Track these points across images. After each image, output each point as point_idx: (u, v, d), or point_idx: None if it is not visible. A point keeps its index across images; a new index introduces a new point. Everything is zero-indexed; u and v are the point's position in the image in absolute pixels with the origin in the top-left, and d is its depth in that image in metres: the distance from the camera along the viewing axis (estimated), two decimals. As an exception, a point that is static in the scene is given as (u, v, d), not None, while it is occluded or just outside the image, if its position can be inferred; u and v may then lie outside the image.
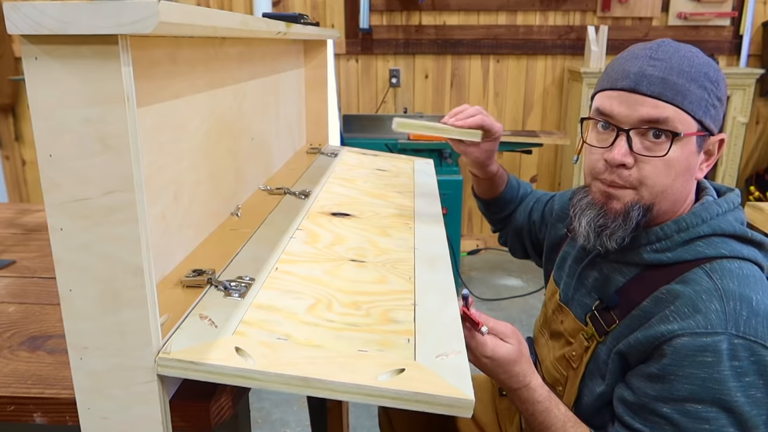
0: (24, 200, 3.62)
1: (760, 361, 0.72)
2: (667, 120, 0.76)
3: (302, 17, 1.09)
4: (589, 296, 0.90)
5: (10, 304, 0.94)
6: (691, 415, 0.73)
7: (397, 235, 0.93)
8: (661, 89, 0.76)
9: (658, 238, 0.81)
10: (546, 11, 3.25)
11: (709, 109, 0.78)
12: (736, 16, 3.18)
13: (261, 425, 2.00)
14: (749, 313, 0.73)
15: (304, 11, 3.30)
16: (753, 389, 0.72)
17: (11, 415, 0.68)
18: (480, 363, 0.80)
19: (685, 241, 0.80)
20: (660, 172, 0.78)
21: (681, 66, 0.77)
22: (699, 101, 0.77)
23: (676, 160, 0.77)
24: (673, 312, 0.75)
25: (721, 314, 0.73)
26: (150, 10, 0.49)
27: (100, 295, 0.58)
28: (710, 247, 0.79)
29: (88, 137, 0.53)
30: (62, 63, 0.51)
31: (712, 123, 0.79)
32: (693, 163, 0.80)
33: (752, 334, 0.72)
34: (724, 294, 0.74)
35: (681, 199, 0.82)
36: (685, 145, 0.78)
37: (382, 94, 3.39)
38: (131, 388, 0.62)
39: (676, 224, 0.81)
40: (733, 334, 0.72)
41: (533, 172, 3.47)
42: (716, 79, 0.78)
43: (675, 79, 0.76)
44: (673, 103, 0.76)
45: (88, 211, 0.55)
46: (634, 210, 0.80)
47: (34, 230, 1.30)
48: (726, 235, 0.80)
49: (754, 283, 0.76)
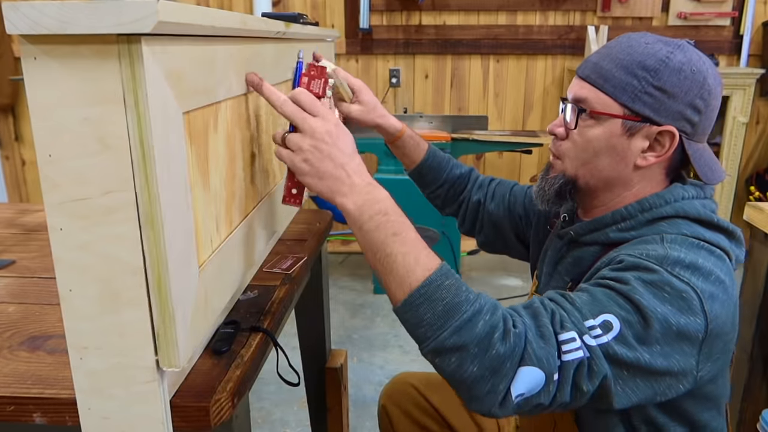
0: (24, 200, 3.62)
1: (688, 301, 0.71)
2: (586, 99, 0.84)
3: (302, 17, 1.09)
4: (562, 280, 0.92)
5: (10, 304, 0.94)
6: (607, 295, 0.73)
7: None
8: (588, 72, 0.85)
9: (622, 217, 0.85)
10: (546, 11, 3.24)
11: (640, 96, 0.80)
12: (736, 16, 3.18)
13: (261, 425, 2.00)
14: (690, 264, 0.74)
15: (304, 11, 3.30)
16: (670, 318, 0.70)
17: (11, 415, 0.68)
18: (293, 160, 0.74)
19: (648, 221, 0.83)
20: (578, 146, 0.86)
21: (617, 54, 0.83)
22: (624, 86, 0.81)
23: (595, 138, 0.84)
24: (617, 254, 0.79)
25: (661, 253, 0.75)
26: (149, 10, 0.49)
27: (99, 295, 0.58)
28: (673, 227, 0.81)
29: (88, 137, 0.53)
30: (61, 63, 0.51)
31: (650, 111, 0.81)
32: (619, 146, 0.83)
33: (686, 277, 0.72)
34: (669, 248, 0.76)
35: (621, 183, 0.86)
36: (604, 124, 0.83)
37: (382, 94, 3.38)
38: (131, 388, 0.62)
39: (639, 204, 0.84)
40: (667, 270, 0.73)
41: (533, 172, 3.47)
42: (655, 69, 0.80)
43: (603, 64, 0.83)
44: (594, 84, 0.84)
45: (87, 210, 0.55)
46: (559, 178, 0.89)
47: (33, 230, 1.30)
48: (690, 218, 0.82)
49: (707, 255, 0.76)
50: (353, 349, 2.46)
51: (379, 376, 2.26)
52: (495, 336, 0.67)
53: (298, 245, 1.21)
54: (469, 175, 1.23)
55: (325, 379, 1.51)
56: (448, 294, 0.68)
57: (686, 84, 0.80)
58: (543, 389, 0.68)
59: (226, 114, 0.74)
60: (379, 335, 2.57)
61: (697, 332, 0.72)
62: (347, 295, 2.96)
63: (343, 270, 3.29)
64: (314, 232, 1.29)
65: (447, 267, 0.71)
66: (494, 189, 1.20)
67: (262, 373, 0.87)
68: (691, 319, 0.71)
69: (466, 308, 0.68)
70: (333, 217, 1.47)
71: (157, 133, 0.54)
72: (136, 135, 0.53)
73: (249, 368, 0.76)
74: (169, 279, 0.58)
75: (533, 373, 0.67)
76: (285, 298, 0.96)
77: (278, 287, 0.99)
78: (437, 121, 3.14)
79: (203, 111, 0.67)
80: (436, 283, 0.69)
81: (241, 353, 0.77)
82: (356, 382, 2.22)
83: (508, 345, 0.67)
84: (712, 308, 0.72)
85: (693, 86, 0.80)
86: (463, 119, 3.13)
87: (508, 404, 0.67)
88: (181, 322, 0.61)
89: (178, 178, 0.60)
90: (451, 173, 1.21)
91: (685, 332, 0.71)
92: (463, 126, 3.09)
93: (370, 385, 2.21)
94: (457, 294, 0.69)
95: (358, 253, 3.50)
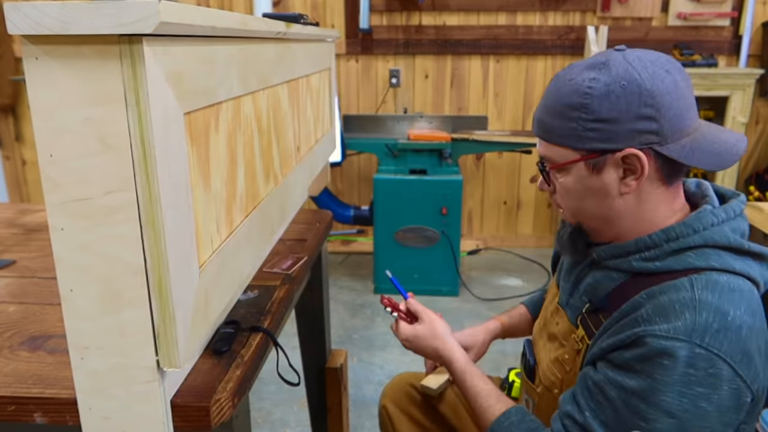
0: (24, 200, 3.62)
1: (717, 374, 0.71)
2: (547, 156, 0.86)
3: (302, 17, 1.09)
4: (581, 300, 0.91)
5: (10, 304, 0.94)
6: (632, 409, 0.74)
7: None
8: (538, 131, 0.86)
9: (646, 246, 0.82)
10: (546, 11, 3.24)
11: (585, 134, 0.79)
12: (736, 16, 3.18)
13: (261, 425, 2.00)
14: (720, 326, 0.72)
15: (304, 11, 3.30)
16: (703, 401, 0.71)
17: (11, 415, 0.68)
18: (406, 345, 1.10)
19: (675, 251, 0.79)
20: (562, 196, 0.88)
21: (550, 103, 0.83)
22: (566, 133, 0.81)
23: (571, 186, 0.84)
24: (643, 315, 0.76)
25: (689, 323, 0.72)
26: (150, 10, 0.49)
27: (100, 295, 0.58)
28: (701, 259, 0.78)
29: (89, 137, 0.53)
30: (63, 63, 0.52)
31: (602, 143, 0.78)
32: (594, 184, 0.82)
33: (716, 347, 0.71)
34: (699, 304, 0.73)
35: (617, 215, 0.83)
36: (571, 172, 0.83)
37: (382, 94, 3.39)
38: (132, 388, 0.62)
39: (665, 234, 0.80)
40: (696, 344, 0.71)
41: (533, 172, 3.47)
42: (583, 105, 0.78)
43: (544, 118, 0.84)
44: (546, 140, 0.85)
45: (88, 210, 0.55)
46: (567, 228, 0.92)
47: (34, 230, 1.30)
48: (719, 246, 0.78)
49: (739, 298, 0.74)
50: (353, 349, 2.46)
51: (379, 376, 2.26)
52: None
53: (298, 245, 1.21)
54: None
55: (325, 379, 1.51)
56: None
57: (621, 103, 0.76)
58: None
59: (227, 115, 0.74)
60: (379, 335, 2.57)
61: (736, 398, 0.72)
62: (347, 295, 2.96)
63: (343, 270, 3.29)
64: (314, 232, 1.29)
65: (514, 413, 0.90)
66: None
67: (262, 373, 0.87)
68: (725, 389, 0.72)
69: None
70: (333, 217, 1.47)
71: (158, 134, 0.54)
72: (137, 135, 0.54)
73: (249, 368, 0.76)
74: (170, 279, 0.58)
75: None
76: (285, 298, 0.96)
77: (278, 287, 0.99)
78: (437, 121, 3.14)
79: (204, 111, 0.67)
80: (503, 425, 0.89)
81: (241, 353, 0.78)
82: (356, 382, 2.22)
83: None
84: (750, 368, 0.73)
85: (631, 101, 0.76)
86: (463, 119, 3.13)
87: None
88: (182, 322, 0.61)
89: (179, 179, 0.60)
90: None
91: (722, 404, 0.72)
92: (463, 126, 3.09)
93: (370, 385, 2.21)
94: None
95: (358, 253, 3.50)
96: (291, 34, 0.98)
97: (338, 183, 3.52)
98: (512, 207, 3.55)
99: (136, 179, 0.55)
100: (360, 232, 3.56)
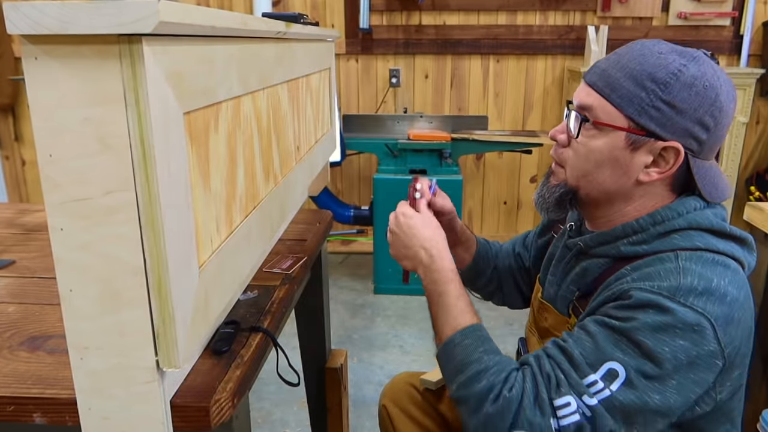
0: (24, 200, 3.62)
1: (700, 332, 0.71)
2: (591, 107, 0.81)
3: (302, 17, 1.09)
4: (570, 289, 0.91)
5: (10, 304, 0.94)
6: (611, 341, 0.74)
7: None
8: (596, 79, 0.81)
9: (634, 230, 0.83)
10: (546, 11, 3.24)
11: (647, 110, 0.77)
12: (737, 16, 3.17)
13: (261, 425, 2.00)
14: (704, 290, 0.73)
15: (304, 11, 3.30)
16: (681, 354, 0.71)
17: (11, 415, 0.68)
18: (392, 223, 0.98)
19: (661, 234, 0.81)
20: (580, 155, 0.84)
21: (627, 63, 0.79)
22: (631, 98, 0.78)
23: (597, 149, 0.81)
24: (628, 280, 0.78)
25: (674, 284, 0.74)
26: (150, 10, 0.49)
27: (100, 295, 0.58)
28: (686, 240, 0.79)
29: (88, 137, 0.53)
30: (62, 63, 0.51)
31: (656, 126, 0.78)
32: (622, 159, 0.81)
33: (700, 307, 0.72)
34: (684, 271, 0.75)
35: (622, 197, 0.84)
36: (608, 136, 0.80)
37: (382, 94, 3.38)
38: (132, 388, 0.62)
39: (652, 217, 0.82)
40: (680, 302, 0.72)
41: (533, 172, 3.47)
42: (666, 82, 0.77)
43: (612, 72, 0.80)
44: (601, 93, 0.80)
45: (88, 210, 0.55)
46: (560, 188, 0.87)
47: (34, 230, 1.30)
48: (703, 229, 0.80)
49: (723, 271, 0.75)
50: (353, 349, 2.46)
51: (379, 376, 2.26)
52: (489, 396, 0.75)
53: (298, 245, 1.21)
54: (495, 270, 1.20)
55: (325, 379, 1.51)
56: (463, 352, 0.81)
57: (696, 100, 0.77)
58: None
59: (227, 114, 0.74)
60: (379, 335, 2.57)
61: (714, 361, 0.73)
62: (347, 295, 2.96)
63: (343, 270, 3.29)
64: (314, 232, 1.29)
65: (473, 328, 0.83)
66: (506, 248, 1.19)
67: (262, 373, 0.87)
68: (705, 350, 0.72)
69: (473, 367, 0.78)
70: (333, 217, 1.47)
71: (157, 134, 0.54)
72: (136, 135, 0.53)
73: (249, 368, 0.76)
74: (170, 279, 0.58)
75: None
76: (285, 298, 0.96)
77: (278, 287, 0.99)
78: (437, 121, 3.14)
79: (204, 111, 0.67)
80: (455, 341, 0.82)
81: (241, 353, 0.77)
82: (356, 382, 2.22)
83: (496, 407, 0.74)
84: (727, 333, 0.73)
85: (704, 102, 0.77)
86: (463, 119, 3.13)
87: None
88: (181, 323, 0.61)
89: (179, 179, 0.60)
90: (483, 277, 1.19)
91: (701, 364, 0.72)
92: (463, 126, 3.09)
93: (370, 385, 2.21)
94: (471, 353, 0.80)
95: (358, 253, 3.50)
96: (291, 33, 0.98)
97: (338, 183, 3.52)
98: (512, 207, 3.55)
99: (136, 179, 0.55)
100: (360, 232, 3.56)
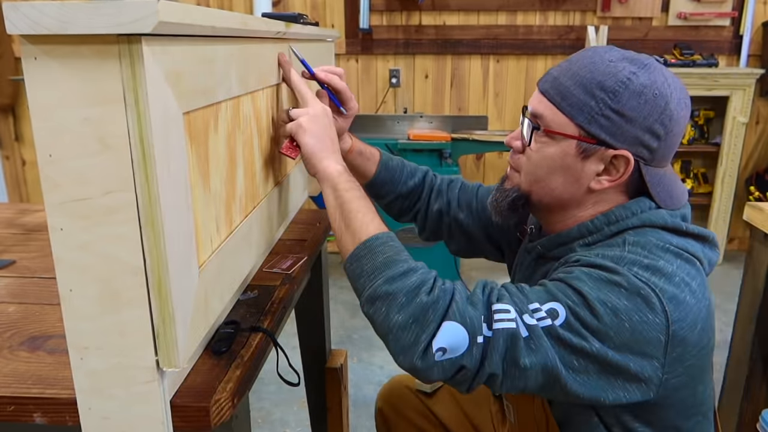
0: (24, 200, 3.62)
1: (646, 299, 0.70)
2: (542, 116, 0.82)
3: (302, 17, 1.09)
4: None
5: (10, 304, 0.94)
6: (558, 288, 0.73)
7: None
8: (548, 87, 0.82)
9: (588, 231, 0.83)
10: (546, 11, 3.24)
11: (597, 118, 0.77)
12: (736, 16, 3.17)
13: (261, 425, 2.00)
14: (650, 264, 0.73)
15: (304, 11, 3.30)
16: (623, 315, 0.70)
17: (11, 415, 0.68)
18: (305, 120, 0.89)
19: (615, 233, 0.81)
20: (532, 161, 0.84)
21: (578, 70, 0.80)
22: (581, 106, 0.78)
23: (549, 156, 0.82)
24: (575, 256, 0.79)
25: (617, 254, 0.75)
26: (149, 10, 0.49)
27: (100, 295, 0.58)
28: (639, 236, 0.78)
29: (88, 137, 0.53)
30: (62, 63, 0.51)
31: (606, 135, 0.78)
32: (573, 166, 0.81)
33: (645, 277, 0.72)
34: (629, 248, 0.75)
35: (575, 204, 0.84)
36: (559, 144, 0.81)
37: (382, 94, 3.38)
38: (132, 388, 0.62)
39: (606, 217, 0.82)
40: (626, 270, 0.72)
41: (533, 172, 3.48)
42: (614, 91, 0.76)
43: (563, 80, 0.80)
44: (552, 101, 0.81)
45: (88, 211, 0.55)
46: (513, 192, 0.88)
47: (34, 230, 1.30)
48: (657, 226, 0.80)
49: (672, 258, 0.75)
50: (353, 349, 2.46)
51: (379, 376, 2.26)
52: (423, 288, 0.72)
53: (298, 245, 1.21)
54: (422, 185, 1.16)
55: (325, 379, 1.51)
56: (390, 251, 0.77)
57: (646, 108, 0.77)
58: (466, 351, 0.69)
59: (227, 114, 0.74)
60: (379, 335, 2.57)
61: (657, 333, 0.71)
62: (347, 295, 2.96)
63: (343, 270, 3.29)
64: (314, 232, 1.29)
65: (395, 236, 0.80)
66: (458, 196, 1.14)
67: (262, 373, 0.87)
68: (650, 318, 0.70)
69: (403, 264, 0.75)
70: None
71: (157, 134, 0.54)
72: (136, 135, 0.53)
73: (249, 368, 0.76)
74: (169, 279, 0.58)
75: (455, 329, 0.69)
76: (285, 298, 0.96)
77: (278, 287, 0.99)
78: (437, 121, 3.14)
79: (203, 111, 0.67)
80: (381, 240, 0.78)
81: (241, 353, 0.77)
82: (356, 382, 2.22)
83: (432, 296, 0.71)
84: (675, 310, 0.71)
85: (653, 111, 0.77)
86: (463, 119, 3.13)
87: (429, 357, 0.69)
88: (181, 322, 0.61)
89: (179, 179, 0.60)
90: (403, 187, 1.14)
91: (643, 332, 0.70)
92: (463, 126, 3.09)
93: (370, 385, 2.21)
94: (399, 253, 0.77)
95: (358, 253, 3.49)
96: (291, 33, 0.98)
97: (338, 183, 3.52)
98: (512, 207, 3.55)
99: (136, 179, 0.55)
100: (360, 232, 3.56)
